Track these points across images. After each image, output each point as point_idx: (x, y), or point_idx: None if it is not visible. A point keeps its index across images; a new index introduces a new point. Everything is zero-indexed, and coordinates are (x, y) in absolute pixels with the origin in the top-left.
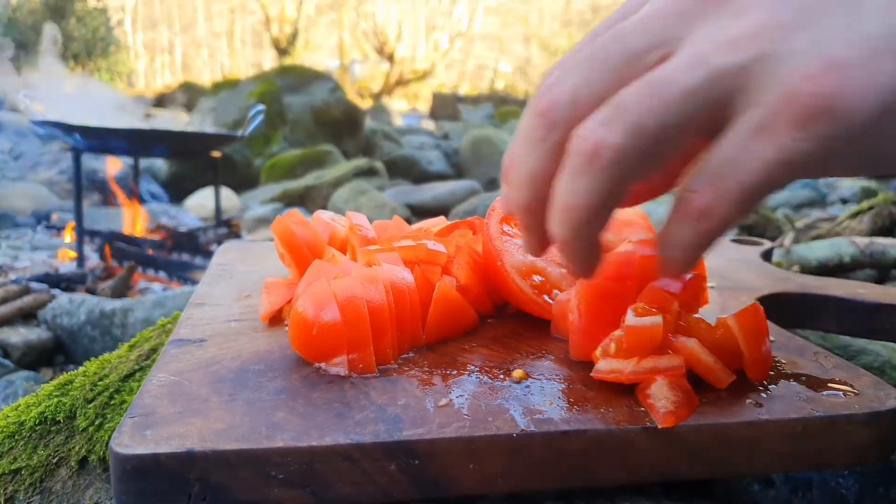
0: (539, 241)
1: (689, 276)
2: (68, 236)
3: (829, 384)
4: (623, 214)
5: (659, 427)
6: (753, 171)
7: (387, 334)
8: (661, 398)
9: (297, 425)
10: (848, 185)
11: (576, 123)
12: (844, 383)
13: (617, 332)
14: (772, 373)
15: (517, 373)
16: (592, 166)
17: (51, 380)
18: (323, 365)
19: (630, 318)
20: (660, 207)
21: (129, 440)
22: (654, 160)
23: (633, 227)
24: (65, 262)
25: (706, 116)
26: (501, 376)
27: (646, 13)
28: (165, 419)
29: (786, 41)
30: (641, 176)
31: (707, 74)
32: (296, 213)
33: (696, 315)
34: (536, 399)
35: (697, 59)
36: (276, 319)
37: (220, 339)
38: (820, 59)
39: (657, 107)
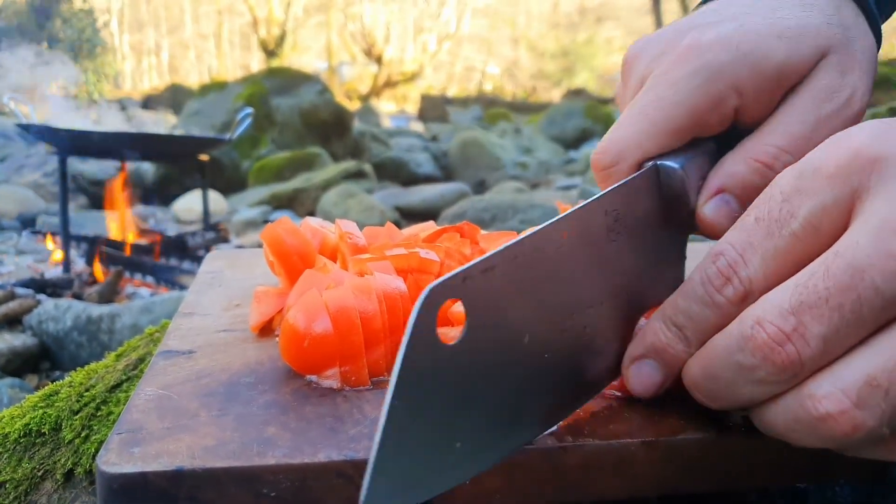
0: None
1: None
2: (50, 244)
3: None
4: None
5: None
6: None
7: (380, 345)
8: None
9: (288, 441)
10: None
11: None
12: None
13: None
14: None
15: None
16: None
17: (36, 387)
18: (315, 378)
19: None
20: None
21: (116, 458)
22: None
23: None
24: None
25: None
26: None
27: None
28: (154, 435)
29: None
30: None
31: None
32: (286, 220)
33: None
34: None
35: None
36: (266, 330)
37: (210, 351)
38: None
39: None
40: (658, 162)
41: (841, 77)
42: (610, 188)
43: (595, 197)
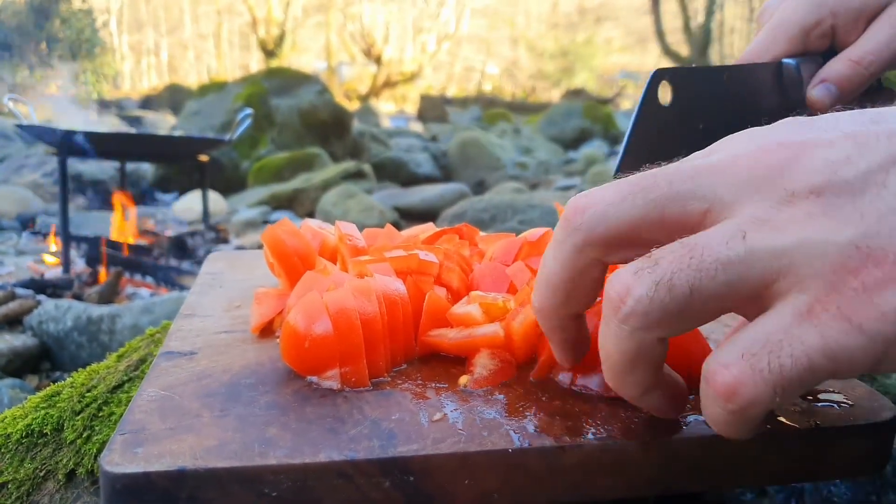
0: (567, 349)
1: None
2: (53, 245)
3: (823, 395)
4: None
5: (469, 389)
6: (796, 355)
7: (379, 347)
8: (479, 366)
9: (289, 441)
10: None
11: (600, 241)
12: (838, 394)
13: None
14: None
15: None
16: (617, 315)
17: (37, 387)
18: (315, 378)
19: (476, 293)
20: None
21: (119, 458)
22: (684, 320)
23: None
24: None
25: (741, 291)
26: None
27: (700, 163)
28: (156, 436)
29: (831, 232)
30: (673, 332)
31: (746, 253)
32: (286, 222)
33: None
34: (531, 413)
35: (738, 234)
36: (266, 331)
37: (211, 352)
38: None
39: (689, 270)
40: (781, 60)
41: None
42: (754, 60)
43: (747, 62)
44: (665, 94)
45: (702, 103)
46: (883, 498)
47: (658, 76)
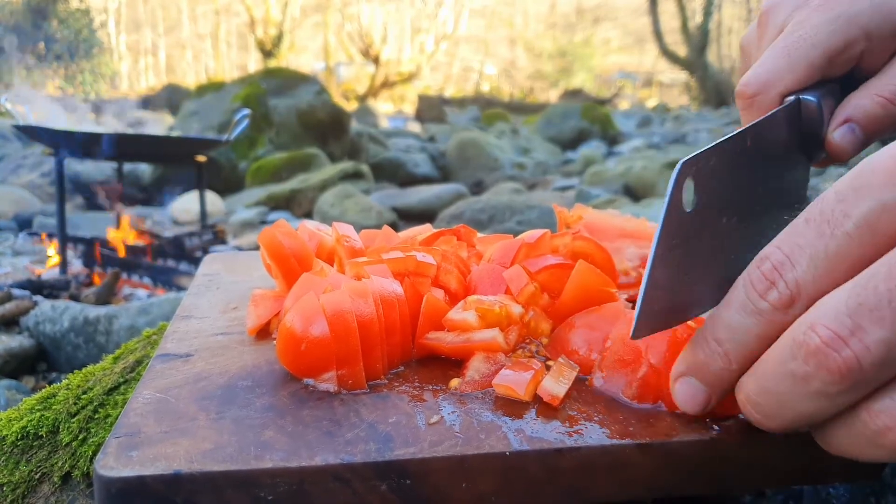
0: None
1: (553, 260)
2: (51, 249)
3: None
4: (624, 223)
5: (459, 391)
6: None
7: (376, 349)
8: (472, 369)
9: (286, 445)
10: None
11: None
12: None
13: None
14: None
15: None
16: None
17: (33, 388)
18: (312, 381)
19: (473, 298)
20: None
21: (114, 462)
22: None
23: (632, 238)
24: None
25: None
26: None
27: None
28: (151, 439)
29: None
30: None
31: None
32: (283, 223)
33: None
34: (528, 415)
35: None
36: (263, 333)
37: (207, 354)
38: None
39: None
40: (800, 96)
41: None
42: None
43: (769, 114)
44: (688, 197)
45: (724, 189)
46: (882, 500)
47: (682, 173)
